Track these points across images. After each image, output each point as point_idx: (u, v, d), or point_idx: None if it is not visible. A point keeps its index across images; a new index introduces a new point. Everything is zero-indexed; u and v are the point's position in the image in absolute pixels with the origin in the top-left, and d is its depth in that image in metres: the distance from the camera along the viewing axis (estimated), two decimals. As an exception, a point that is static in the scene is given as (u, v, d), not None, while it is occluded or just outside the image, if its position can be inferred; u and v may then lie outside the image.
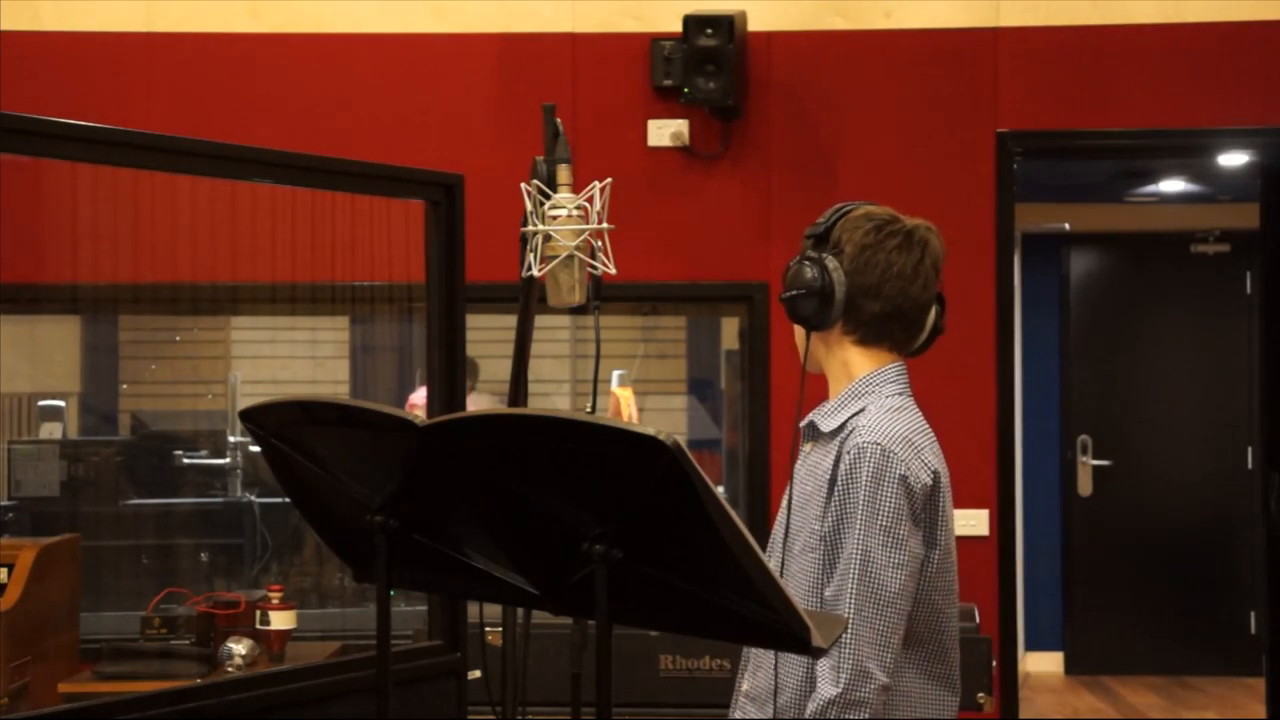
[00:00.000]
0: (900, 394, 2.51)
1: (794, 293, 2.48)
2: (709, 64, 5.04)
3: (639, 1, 5.33)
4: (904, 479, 2.37)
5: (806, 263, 2.48)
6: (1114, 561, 8.59)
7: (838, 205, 2.55)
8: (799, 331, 2.56)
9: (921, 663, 2.46)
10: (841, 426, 2.49)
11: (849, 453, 2.40)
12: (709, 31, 5.04)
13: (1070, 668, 8.64)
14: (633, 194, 4.99)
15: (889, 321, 2.50)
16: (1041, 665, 8.60)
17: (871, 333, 2.51)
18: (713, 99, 5.09)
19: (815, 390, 2.58)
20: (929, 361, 2.72)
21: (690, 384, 8.01)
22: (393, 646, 2.10)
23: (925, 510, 2.40)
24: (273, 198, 4.92)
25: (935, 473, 2.43)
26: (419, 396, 5.66)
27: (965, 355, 5.14)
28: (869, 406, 2.48)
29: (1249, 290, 8.42)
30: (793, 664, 2.47)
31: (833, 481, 2.43)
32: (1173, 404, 8.60)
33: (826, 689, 2.33)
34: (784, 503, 2.55)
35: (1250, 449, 8.33)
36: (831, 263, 2.47)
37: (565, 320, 7.02)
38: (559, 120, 2.78)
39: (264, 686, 3.02)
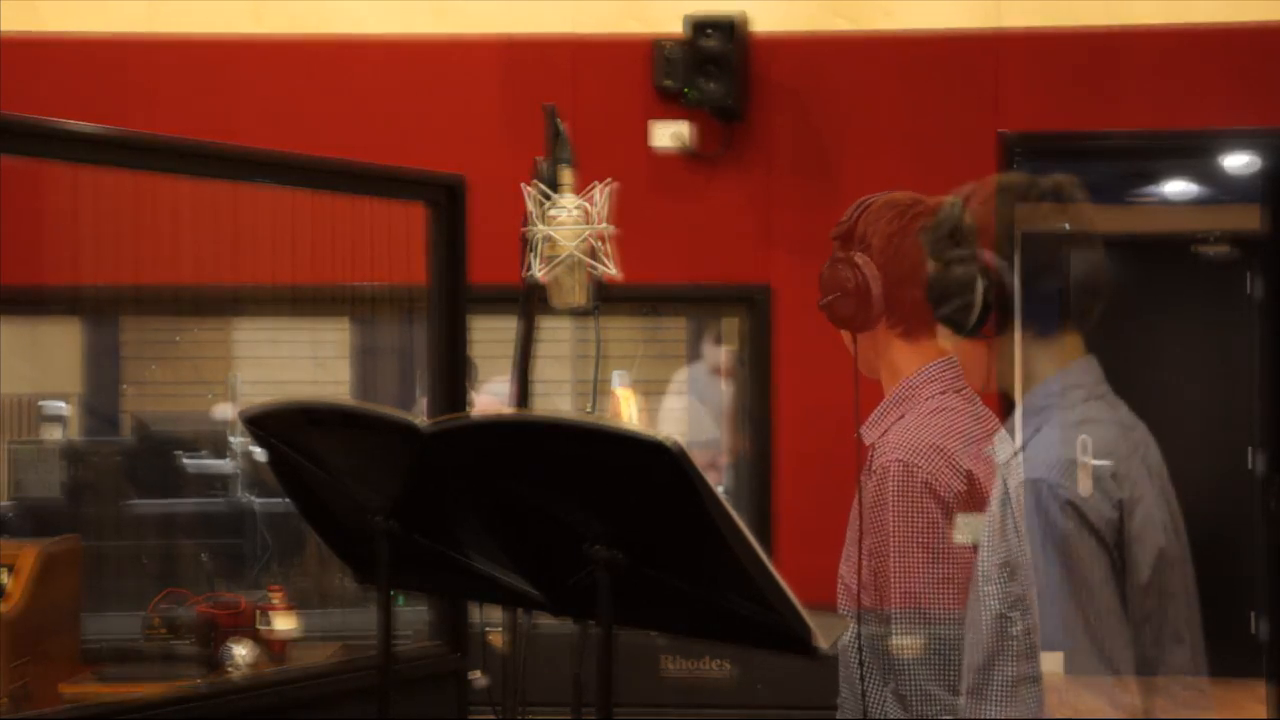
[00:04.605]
0: (943, 392, 2.40)
1: (831, 296, 2.39)
2: (711, 65, 5.04)
3: (641, 3, 5.32)
4: (930, 488, 2.27)
5: (837, 264, 2.39)
6: (1115, 562, 8.56)
7: (858, 201, 2.46)
8: (848, 335, 2.46)
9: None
10: (884, 434, 2.40)
11: (875, 473, 2.32)
12: (711, 33, 5.03)
13: (1070, 668, 8.61)
14: (634, 196, 4.96)
15: (936, 305, 2.32)
16: (1042, 665, 8.57)
17: (917, 322, 2.40)
18: (714, 100, 5.09)
19: (872, 393, 2.48)
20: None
21: (691, 385, 7.98)
22: (394, 648, 2.10)
23: (969, 514, 2.28)
24: (274, 200, 4.91)
25: (968, 474, 2.31)
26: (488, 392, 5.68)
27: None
28: (907, 414, 2.38)
29: (1251, 292, 8.40)
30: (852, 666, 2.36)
31: (871, 496, 2.34)
32: (1174, 405, 8.57)
33: (897, 714, 2.25)
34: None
35: (1251, 450, 8.32)
36: (861, 258, 2.38)
37: (566, 321, 7.01)
38: (561, 121, 2.77)
39: (265, 688, 3.02)
